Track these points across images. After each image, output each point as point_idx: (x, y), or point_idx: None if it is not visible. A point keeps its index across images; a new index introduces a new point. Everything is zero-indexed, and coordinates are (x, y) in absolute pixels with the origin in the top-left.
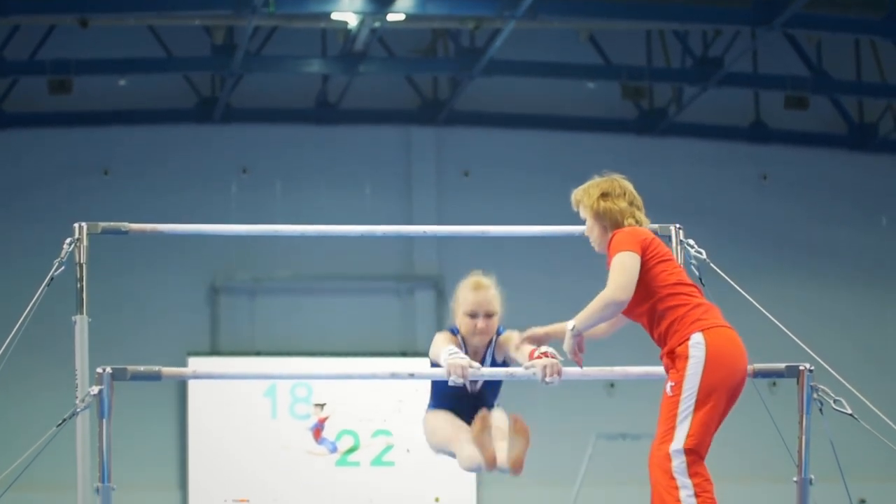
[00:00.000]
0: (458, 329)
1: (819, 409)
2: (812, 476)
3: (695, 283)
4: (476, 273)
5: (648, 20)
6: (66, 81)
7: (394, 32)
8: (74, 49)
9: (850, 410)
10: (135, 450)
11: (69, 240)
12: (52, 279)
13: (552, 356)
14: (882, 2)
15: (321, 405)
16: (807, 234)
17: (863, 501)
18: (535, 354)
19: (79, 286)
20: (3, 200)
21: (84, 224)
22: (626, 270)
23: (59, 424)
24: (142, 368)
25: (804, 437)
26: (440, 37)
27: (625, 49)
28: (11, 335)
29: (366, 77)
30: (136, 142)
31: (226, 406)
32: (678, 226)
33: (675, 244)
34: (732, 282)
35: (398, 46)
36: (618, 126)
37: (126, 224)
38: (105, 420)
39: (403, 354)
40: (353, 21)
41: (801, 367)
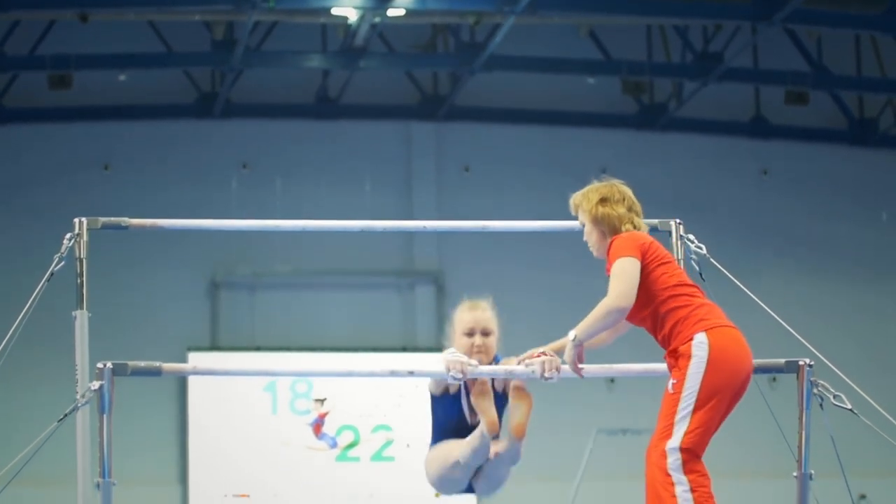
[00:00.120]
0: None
1: (819, 405)
2: (812, 471)
3: (696, 284)
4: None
5: (649, 15)
6: (66, 76)
7: (394, 28)
8: (74, 44)
9: (850, 405)
10: (135, 445)
11: (69, 235)
12: (53, 274)
13: (551, 355)
14: None
15: (321, 400)
16: (807, 230)
17: (863, 497)
18: (535, 354)
19: (79, 281)
20: (3, 196)
21: (84, 219)
22: (627, 276)
23: (60, 420)
24: (142, 364)
25: (804, 433)
26: (440, 32)
27: (625, 44)
28: (12, 330)
29: (366, 72)
30: (136, 137)
31: (226, 401)
32: (678, 221)
33: (675, 239)
34: (732, 277)
35: (398, 42)
36: (618, 121)
37: (126, 219)
38: (105, 415)
39: (404, 350)
40: (354, 16)
41: (801, 363)
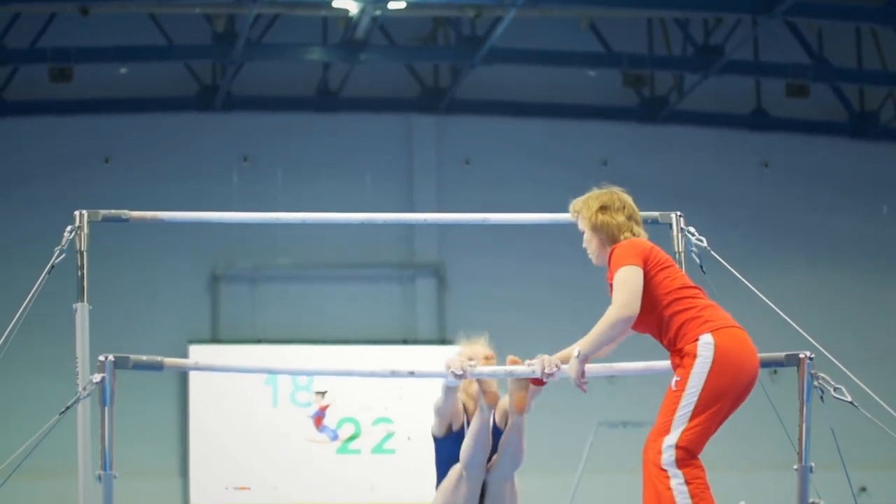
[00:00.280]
0: (459, 391)
1: (819, 397)
2: (813, 464)
3: (699, 286)
4: None
5: (649, 8)
6: (67, 69)
7: (395, 20)
8: (75, 37)
9: (851, 398)
10: (135, 437)
11: (70, 227)
12: (53, 267)
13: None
14: None
15: (322, 393)
16: (807, 222)
17: (863, 489)
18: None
19: (80, 274)
20: (4, 188)
21: (85, 212)
22: (630, 285)
23: (62, 412)
24: (144, 358)
25: (804, 425)
26: (441, 25)
27: (626, 37)
28: (13, 323)
29: (367, 65)
30: (137, 130)
31: (227, 394)
32: (679, 213)
33: (676, 232)
34: (733, 269)
35: (399, 34)
36: (619, 114)
37: (127, 212)
38: (107, 408)
39: (404, 342)
40: (354, 9)
41: (801, 356)
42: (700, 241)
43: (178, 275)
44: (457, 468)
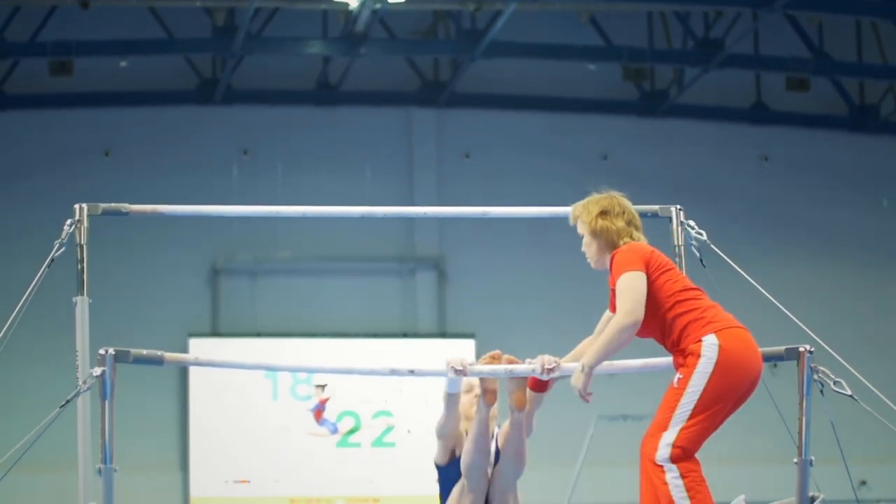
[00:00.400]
0: (462, 417)
1: (819, 391)
2: (812, 457)
3: (700, 287)
4: None
5: (649, 1)
6: (67, 63)
7: (395, 14)
8: (75, 30)
9: (851, 392)
10: (135, 430)
11: (70, 221)
12: (53, 260)
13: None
14: None
15: (322, 386)
16: (807, 216)
17: (863, 483)
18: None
19: (79, 267)
20: (4, 182)
21: (85, 205)
22: (634, 291)
23: (62, 405)
24: (144, 352)
25: (804, 419)
26: (441, 18)
27: (626, 30)
28: (13, 316)
29: (367, 59)
30: (137, 123)
31: (227, 387)
32: (679, 207)
33: (676, 225)
34: (733, 263)
35: (399, 28)
36: (619, 108)
37: (127, 205)
38: (107, 401)
39: (404, 335)
40: (354, 2)
41: (801, 349)
42: (700, 235)
43: (178, 268)
44: (459, 485)
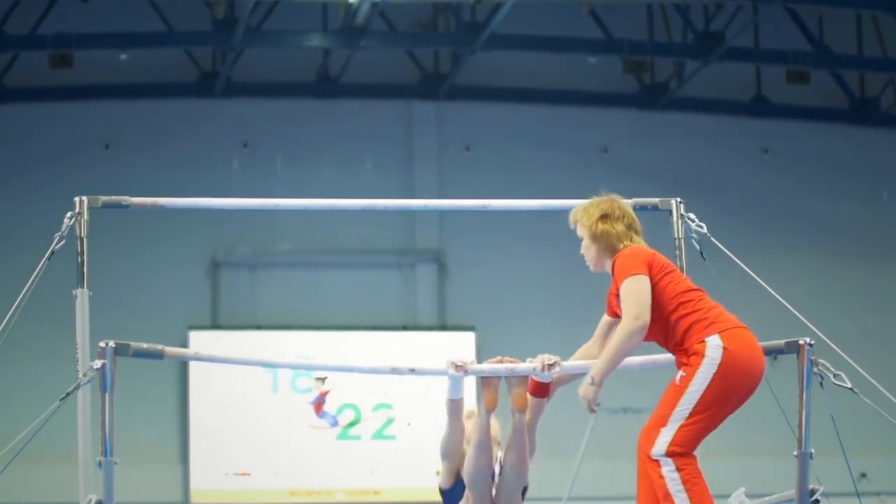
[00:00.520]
0: (465, 440)
1: (819, 384)
2: (812, 450)
3: (701, 288)
4: None
5: None
6: (68, 56)
7: (395, 6)
8: (75, 23)
9: (851, 384)
10: (135, 423)
11: (70, 214)
12: (53, 253)
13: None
14: None
15: (322, 379)
16: (807, 209)
17: (863, 475)
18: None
19: (79, 260)
20: (4, 174)
21: (85, 198)
22: (639, 296)
23: (62, 398)
24: (145, 345)
25: (804, 411)
26: (441, 11)
27: (626, 23)
28: (13, 309)
29: (367, 51)
30: (138, 116)
31: (227, 379)
32: (679, 200)
33: (676, 218)
34: (733, 256)
35: (399, 21)
36: (619, 100)
37: (127, 198)
38: (107, 394)
39: (405, 328)
40: None
41: (801, 342)
42: (700, 228)
43: (179, 261)
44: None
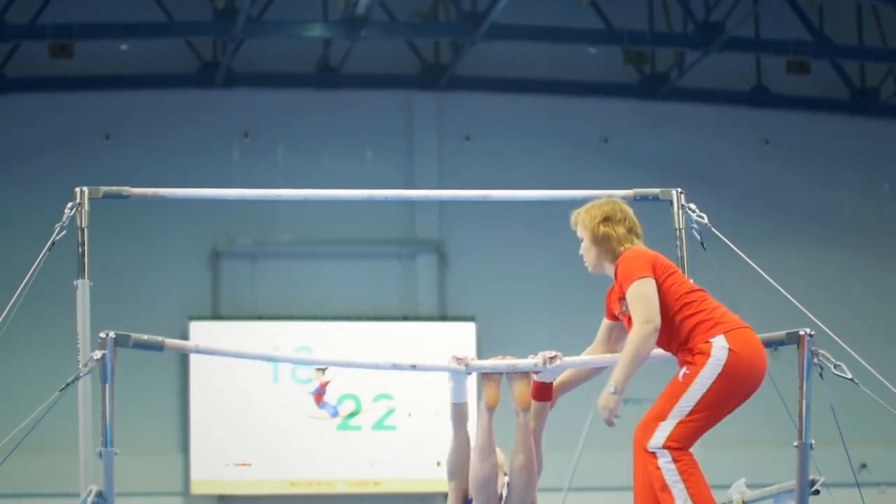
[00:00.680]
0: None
1: (819, 374)
2: (813, 441)
3: (703, 288)
4: None
5: None
6: (68, 46)
7: None
8: (76, 13)
9: (851, 375)
10: (136, 413)
11: (70, 204)
12: (54, 244)
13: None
14: None
15: (323, 369)
16: (808, 199)
17: (864, 466)
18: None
19: (80, 250)
20: (5, 165)
21: (85, 188)
22: (647, 299)
23: (62, 389)
24: (145, 337)
25: (805, 402)
26: (441, 1)
27: (626, 13)
28: (13, 299)
29: (367, 42)
30: (138, 106)
31: (227, 370)
32: (680, 190)
33: (677, 208)
34: (734, 246)
35: (399, 11)
36: (619, 91)
37: (127, 188)
38: (108, 385)
39: (405, 318)
40: None
41: (802, 333)
42: (701, 218)
43: (179, 251)
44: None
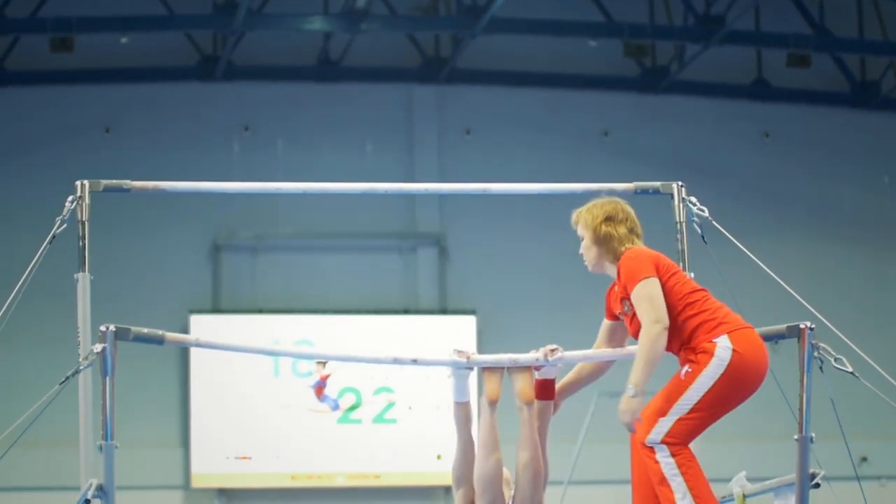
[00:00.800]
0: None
1: (820, 368)
2: (813, 434)
3: (705, 288)
4: None
5: None
6: (68, 39)
7: None
8: (76, 7)
9: (851, 368)
10: (136, 406)
11: (71, 197)
12: (54, 237)
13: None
14: None
15: (323, 363)
16: (808, 193)
17: (864, 459)
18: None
19: (81, 244)
20: (5, 158)
21: (86, 182)
22: (654, 299)
23: (63, 382)
24: (145, 330)
25: (805, 395)
26: None
27: (627, 7)
28: (14, 293)
29: (367, 35)
30: (138, 100)
31: (228, 363)
32: (680, 183)
33: (678, 202)
34: (735, 239)
35: (400, 4)
36: (619, 84)
37: (128, 182)
38: (108, 378)
39: (405, 312)
40: None
41: (802, 326)
42: (701, 211)
43: (180, 244)
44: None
